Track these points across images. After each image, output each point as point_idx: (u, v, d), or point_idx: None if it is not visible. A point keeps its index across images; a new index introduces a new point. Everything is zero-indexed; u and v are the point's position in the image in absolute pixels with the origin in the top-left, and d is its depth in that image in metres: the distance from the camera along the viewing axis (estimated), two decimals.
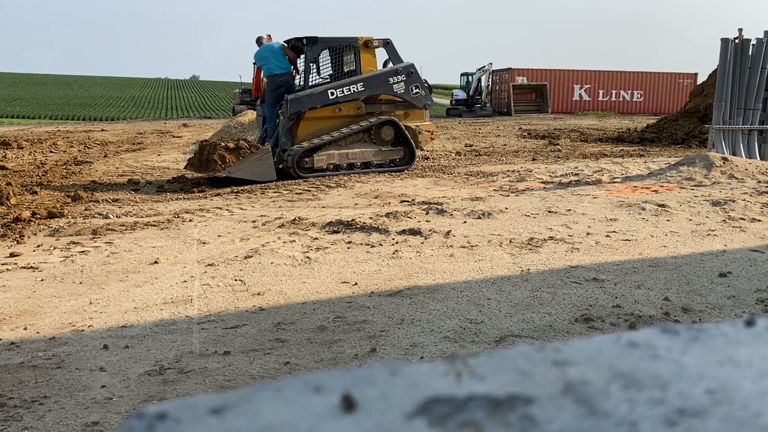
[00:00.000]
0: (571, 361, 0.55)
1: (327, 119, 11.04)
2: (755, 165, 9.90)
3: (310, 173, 10.85)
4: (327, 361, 3.58)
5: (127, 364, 3.57)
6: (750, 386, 0.50)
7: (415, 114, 11.74)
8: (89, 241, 6.48)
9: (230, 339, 3.89)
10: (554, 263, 5.43)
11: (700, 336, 0.59)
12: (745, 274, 5.07)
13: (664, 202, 7.81)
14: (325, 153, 10.94)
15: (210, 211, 8.00)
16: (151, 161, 14.12)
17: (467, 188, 9.57)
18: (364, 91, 11.12)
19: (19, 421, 2.95)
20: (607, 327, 4.01)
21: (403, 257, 5.66)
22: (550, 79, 38.04)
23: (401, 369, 0.54)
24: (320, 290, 4.81)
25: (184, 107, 51.87)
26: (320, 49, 11.27)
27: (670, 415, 0.47)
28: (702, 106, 18.05)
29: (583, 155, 14.29)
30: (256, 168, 10.26)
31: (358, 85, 11.09)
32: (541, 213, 7.42)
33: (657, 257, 5.59)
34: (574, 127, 24.17)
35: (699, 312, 4.27)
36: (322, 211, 7.90)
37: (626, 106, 39.45)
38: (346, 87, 11.01)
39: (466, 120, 30.32)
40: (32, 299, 4.71)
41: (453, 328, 4.00)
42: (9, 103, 57.14)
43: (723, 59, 11.12)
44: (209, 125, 26.36)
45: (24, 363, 3.59)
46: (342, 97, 10.99)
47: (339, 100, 10.99)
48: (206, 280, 5.09)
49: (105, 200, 8.96)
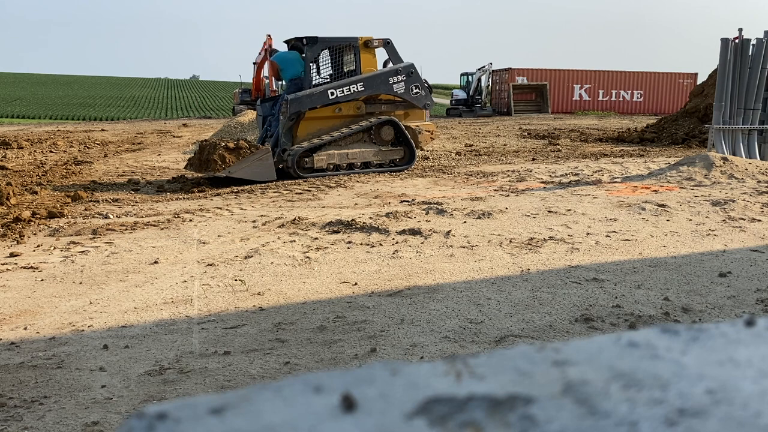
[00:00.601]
0: (571, 361, 0.55)
1: (327, 119, 11.03)
2: (755, 165, 9.90)
3: (310, 173, 10.86)
4: (327, 361, 3.58)
5: (127, 364, 3.57)
6: (750, 386, 0.50)
7: (415, 114, 11.74)
8: (89, 241, 6.48)
9: (230, 339, 3.89)
10: (554, 263, 5.43)
11: (700, 336, 0.59)
12: (745, 274, 5.07)
13: (664, 202, 7.81)
14: (325, 153, 10.94)
15: (210, 211, 8.00)
16: (151, 161, 14.12)
17: (467, 188, 9.57)
18: (364, 91, 11.11)
19: (19, 421, 2.95)
20: (607, 327, 4.01)
21: (403, 257, 5.66)
22: (550, 79, 38.04)
23: (401, 369, 0.54)
24: (320, 290, 4.81)
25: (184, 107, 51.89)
26: (320, 49, 11.27)
27: (670, 415, 0.47)
28: (702, 106, 18.05)
29: (583, 155, 14.29)
30: (256, 168, 10.26)
31: (358, 85, 11.07)
32: (541, 213, 7.42)
33: (657, 257, 5.59)
34: (574, 127, 24.17)
35: (699, 312, 4.27)
36: (322, 211, 7.90)
37: (626, 106, 39.45)
38: (346, 87, 10.99)
39: (466, 120, 30.32)
40: (32, 299, 4.71)
41: (453, 328, 4.00)
42: (9, 103, 57.15)
43: (723, 59, 11.12)
44: (209, 125, 26.36)
45: (24, 363, 3.59)
46: (342, 97, 10.96)
47: (339, 99, 10.96)
48: (206, 280, 5.09)
49: (105, 200, 8.96)
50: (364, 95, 11.13)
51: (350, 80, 11.06)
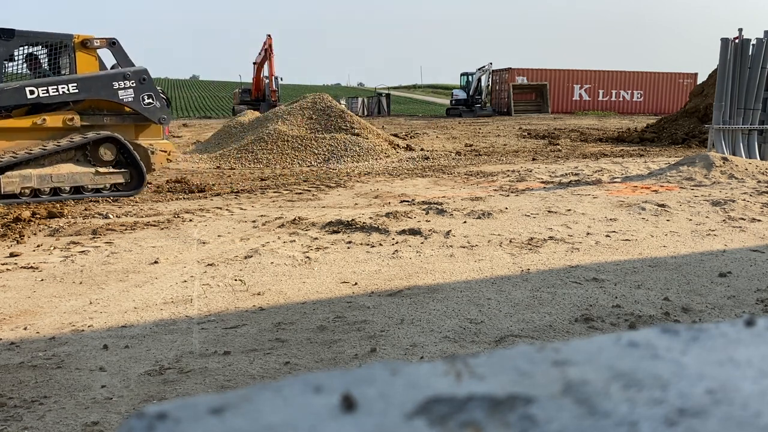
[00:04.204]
0: (571, 361, 0.55)
1: (25, 132, 8.74)
2: (755, 165, 9.90)
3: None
4: (327, 361, 3.58)
5: (127, 364, 3.57)
6: (750, 386, 0.50)
7: (150, 130, 9.68)
8: (89, 241, 6.48)
9: (230, 339, 3.89)
10: (554, 263, 5.43)
11: (700, 336, 0.59)
12: (745, 274, 5.07)
13: (664, 202, 7.81)
14: (18, 173, 8.47)
15: (210, 211, 8.00)
16: None
17: (467, 188, 9.57)
18: (78, 94, 8.93)
19: (19, 421, 2.95)
20: (607, 327, 4.01)
21: (403, 257, 5.66)
22: (550, 79, 38.06)
23: (401, 369, 0.54)
24: (320, 290, 4.81)
25: (184, 107, 51.91)
26: (18, 45, 8.95)
27: (670, 415, 0.47)
28: (702, 106, 18.06)
29: (583, 155, 14.29)
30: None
31: (70, 86, 8.85)
32: (541, 213, 7.42)
33: (657, 257, 5.59)
34: (574, 127, 24.17)
35: (699, 312, 4.27)
36: (322, 211, 7.90)
37: (626, 106, 39.46)
38: (52, 86, 8.75)
39: (466, 120, 30.32)
40: (32, 299, 4.71)
41: (453, 328, 4.00)
42: None
43: (723, 59, 11.12)
44: (209, 125, 26.36)
45: (24, 363, 3.59)
46: (45, 98, 8.72)
47: (41, 100, 8.73)
48: (206, 280, 5.09)
49: (105, 200, 8.96)
50: (78, 99, 9.03)
51: (57, 79, 8.85)
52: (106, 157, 9.14)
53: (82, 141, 8.86)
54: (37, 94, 8.62)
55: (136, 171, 9.31)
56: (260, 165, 13.22)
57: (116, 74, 9.22)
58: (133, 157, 9.24)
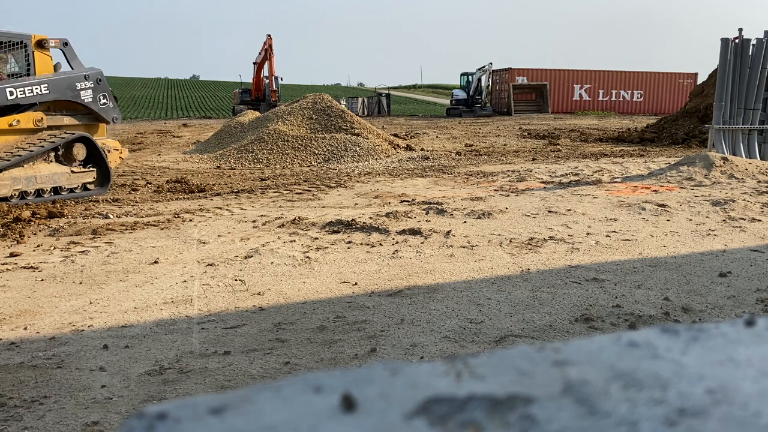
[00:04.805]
0: (571, 361, 0.55)
1: (1, 133, 8.74)
2: (755, 165, 9.90)
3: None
4: (327, 361, 3.58)
5: (127, 364, 3.57)
6: (750, 386, 0.50)
7: (99, 129, 9.85)
8: (89, 241, 6.48)
9: (230, 339, 3.89)
10: (554, 263, 5.43)
11: (700, 336, 0.59)
12: (745, 274, 5.07)
13: (664, 202, 7.81)
14: (9, 177, 8.40)
15: (210, 211, 8.00)
16: (151, 161, 14.12)
17: (467, 188, 9.57)
18: (49, 95, 9.03)
19: (19, 421, 2.95)
20: (607, 327, 4.01)
21: (403, 257, 5.66)
22: (550, 79, 38.06)
23: (401, 369, 0.54)
24: (320, 290, 4.81)
25: (184, 107, 51.88)
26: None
27: (670, 415, 0.47)
28: (702, 106, 18.07)
29: (583, 155, 14.29)
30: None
31: (42, 87, 8.91)
32: (541, 213, 7.42)
33: (657, 257, 5.59)
34: (574, 127, 24.17)
35: (699, 312, 4.27)
36: (322, 211, 7.90)
37: (626, 106, 39.46)
38: (29, 88, 8.78)
39: (466, 120, 30.32)
40: (32, 299, 4.71)
41: (453, 328, 4.00)
42: None
43: (723, 59, 11.13)
44: (209, 125, 26.36)
45: (24, 363, 3.59)
46: (23, 99, 8.76)
47: (20, 102, 8.74)
48: (206, 280, 5.09)
49: (105, 200, 8.97)
50: (47, 100, 9.05)
51: (33, 81, 8.87)
52: (79, 157, 9.21)
53: (66, 140, 8.93)
54: (16, 95, 8.67)
55: (101, 170, 9.44)
56: (260, 165, 13.22)
57: (79, 76, 9.36)
58: (100, 155, 9.35)
